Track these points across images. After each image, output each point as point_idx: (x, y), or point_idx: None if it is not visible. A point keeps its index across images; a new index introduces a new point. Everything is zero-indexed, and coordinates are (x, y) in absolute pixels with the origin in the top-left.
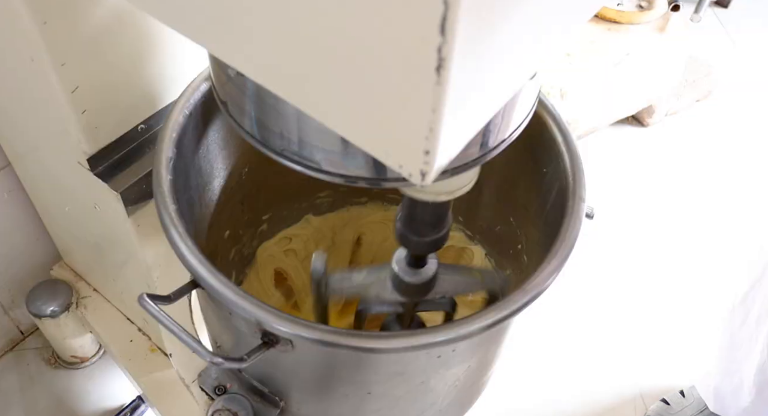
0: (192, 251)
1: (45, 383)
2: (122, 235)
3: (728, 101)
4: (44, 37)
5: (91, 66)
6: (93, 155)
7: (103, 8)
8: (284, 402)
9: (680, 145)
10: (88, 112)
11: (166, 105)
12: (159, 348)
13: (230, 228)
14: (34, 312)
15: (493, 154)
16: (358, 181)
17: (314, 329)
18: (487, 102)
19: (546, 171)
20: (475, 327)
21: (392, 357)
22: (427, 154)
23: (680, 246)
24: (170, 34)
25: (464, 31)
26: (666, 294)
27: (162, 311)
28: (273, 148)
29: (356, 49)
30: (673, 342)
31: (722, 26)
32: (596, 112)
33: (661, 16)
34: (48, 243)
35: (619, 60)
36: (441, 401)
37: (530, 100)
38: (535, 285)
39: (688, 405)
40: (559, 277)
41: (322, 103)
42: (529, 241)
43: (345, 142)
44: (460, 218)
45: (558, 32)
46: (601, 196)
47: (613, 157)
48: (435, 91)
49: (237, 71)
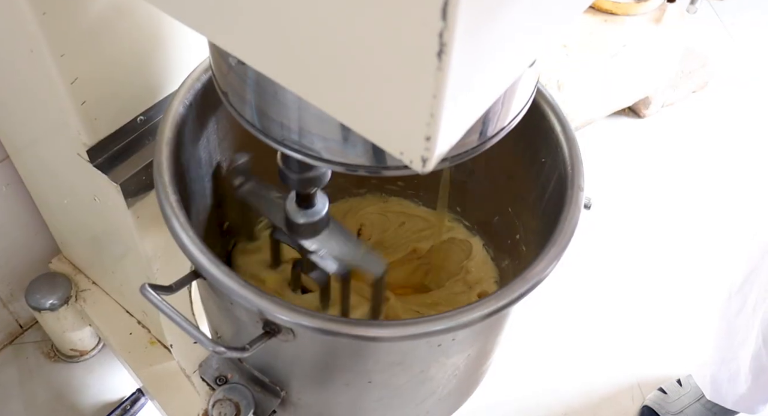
0: (193, 240)
1: (44, 376)
2: (122, 227)
3: (724, 92)
4: (43, 28)
5: (90, 57)
6: (92, 147)
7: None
8: (285, 391)
9: (677, 136)
10: (88, 103)
11: (166, 96)
12: (159, 340)
13: (230, 220)
14: (34, 305)
15: (492, 141)
16: (358, 170)
17: (316, 318)
18: (487, 88)
19: (545, 161)
20: (475, 316)
21: (393, 346)
22: (428, 140)
23: (677, 236)
24: (170, 25)
25: (465, 16)
26: (663, 284)
27: (164, 300)
28: (274, 137)
29: (357, 34)
30: (669, 332)
31: (718, 17)
32: (593, 103)
33: (658, 8)
34: (47, 236)
35: (615, 52)
36: (441, 390)
37: (529, 88)
38: (535, 273)
39: (685, 393)
40: (558, 267)
41: (323, 90)
42: (528, 231)
43: (345, 130)
44: (458, 208)
45: (558, 18)
46: (599, 187)
47: (611, 149)
48: (436, 76)
49: (238, 60)
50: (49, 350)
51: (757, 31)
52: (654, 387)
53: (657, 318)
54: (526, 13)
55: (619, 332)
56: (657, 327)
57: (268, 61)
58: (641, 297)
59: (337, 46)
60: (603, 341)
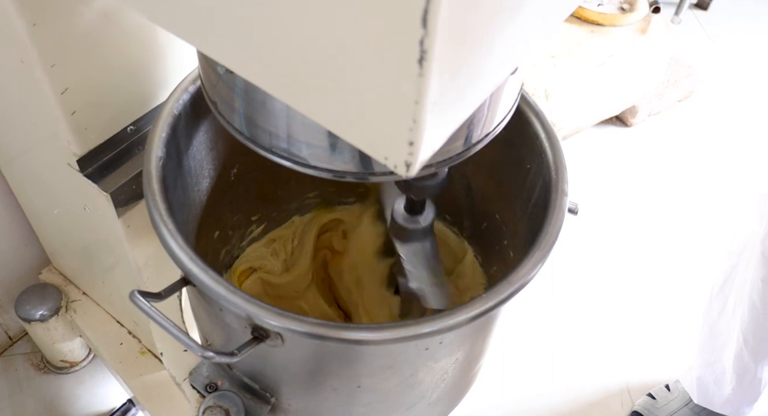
0: (182, 248)
1: (34, 388)
2: (112, 237)
3: (709, 101)
4: (34, 39)
5: (80, 67)
6: (83, 156)
7: (93, 10)
8: (275, 397)
9: (663, 144)
10: (78, 113)
11: (155, 106)
12: (149, 350)
13: (219, 229)
14: (23, 316)
15: (476, 148)
16: (345, 176)
17: (303, 322)
18: (470, 94)
19: (530, 167)
20: (461, 318)
21: (380, 350)
22: (412, 144)
23: (665, 242)
24: (159, 36)
25: (445, 24)
26: (650, 290)
27: (153, 307)
28: (262, 145)
29: (341, 43)
30: (658, 336)
31: (702, 28)
32: (581, 112)
33: (643, 19)
34: (36, 247)
35: (602, 61)
36: (430, 394)
37: (513, 95)
38: (520, 276)
39: (674, 398)
40: (546, 272)
41: (308, 97)
42: (515, 237)
43: (331, 137)
44: (447, 217)
45: (539, 27)
46: (587, 194)
47: (598, 157)
48: (418, 82)
49: (226, 69)
50: (39, 361)
51: (740, 41)
52: (643, 392)
53: (645, 323)
54: (506, 21)
55: (607, 337)
56: (645, 332)
57: (255, 70)
58: (629, 303)
59: (321, 54)
60: (592, 346)
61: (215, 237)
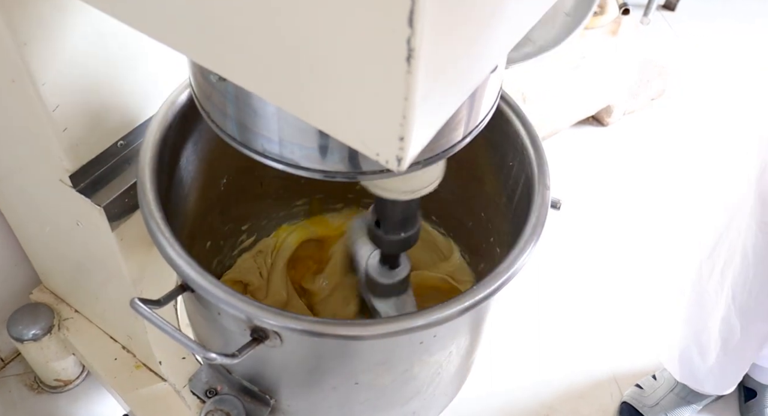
0: (179, 253)
1: (28, 409)
2: (105, 251)
3: (681, 98)
4: (25, 58)
5: (71, 84)
6: (75, 172)
7: (83, 28)
8: (274, 399)
9: (639, 141)
10: (69, 129)
11: (145, 120)
12: (144, 364)
13: (211, 239)
14: (16, 336)
15: (462, 144)
16: (336, 176)
17: (301, 320)
18: (455, 89)
19: (512, 164)
20: (452, 311)
21: (376, 345)
22: (402, 140)
23: (644, 235)
24: (148, 52)
25: (431, 23)
26: (633, 282)
27: (154, 313)
28: (255, 149)
29: (330, 42)
30: (644, 327)
31: (670, 27)
32: (558, 114)
33: (613, 20)
34: (27, 267)
35: (576, 63)
36: (426, 389)
37: (494, 93)
38: (507, 267)
39: (660, 386)
40: (533, 267)
41: (299, 98)
42: (501, 234)
43: (322, 137)
44: (433, 217)
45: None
46: (568, 193)
47: (577, 156)
48: (406, 79)
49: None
50: (32, 382)
51: (707, 39)
52: (632, 382)
53: (629, 313)
54: (488, 19)
55: (594, 329)
56: (630, 323)
57: (245, 74)
58: (613, 295)
59: (311, 55)
60: (579, 339)
61: (207, 247)
